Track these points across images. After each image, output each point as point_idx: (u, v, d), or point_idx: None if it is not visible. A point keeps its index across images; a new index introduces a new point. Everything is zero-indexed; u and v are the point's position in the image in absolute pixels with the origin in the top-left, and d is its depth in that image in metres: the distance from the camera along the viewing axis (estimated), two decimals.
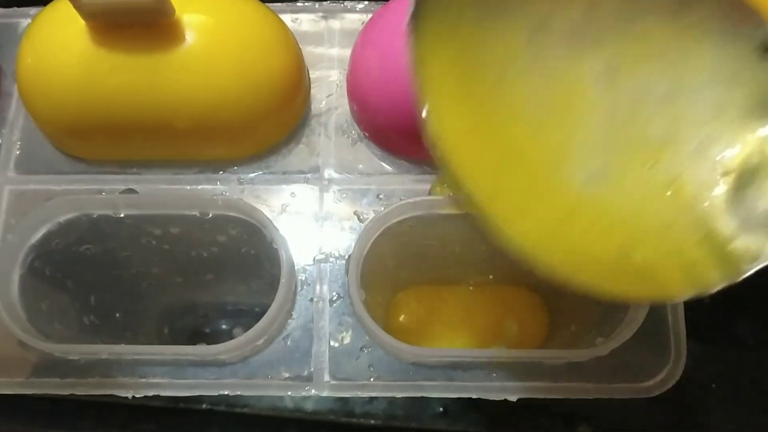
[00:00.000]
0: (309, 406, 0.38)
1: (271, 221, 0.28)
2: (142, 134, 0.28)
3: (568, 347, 0.32)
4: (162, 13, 0.26)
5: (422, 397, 0.28)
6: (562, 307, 0.35)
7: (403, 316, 0.37)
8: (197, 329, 0.40)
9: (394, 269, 0.35)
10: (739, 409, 0.38)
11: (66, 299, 0.32)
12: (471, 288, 0.37)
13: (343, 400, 0.38)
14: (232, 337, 0.36)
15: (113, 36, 0.27)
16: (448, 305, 0.37)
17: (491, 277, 0.36)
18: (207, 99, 0.27)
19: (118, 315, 0.35)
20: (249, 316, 0.39)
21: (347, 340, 0.28)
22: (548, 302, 0.37)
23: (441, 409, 0.38)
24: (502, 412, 0.38)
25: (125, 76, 0.27)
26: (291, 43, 0.30)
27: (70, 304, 0.32)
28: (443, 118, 0.21)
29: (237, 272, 0.36)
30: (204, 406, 0.38)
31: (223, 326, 0.40)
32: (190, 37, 0.27)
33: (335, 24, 0.32)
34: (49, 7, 0.29)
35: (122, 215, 0.29)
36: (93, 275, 0.33)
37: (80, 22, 0.27)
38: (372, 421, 0.38)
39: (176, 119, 0.28)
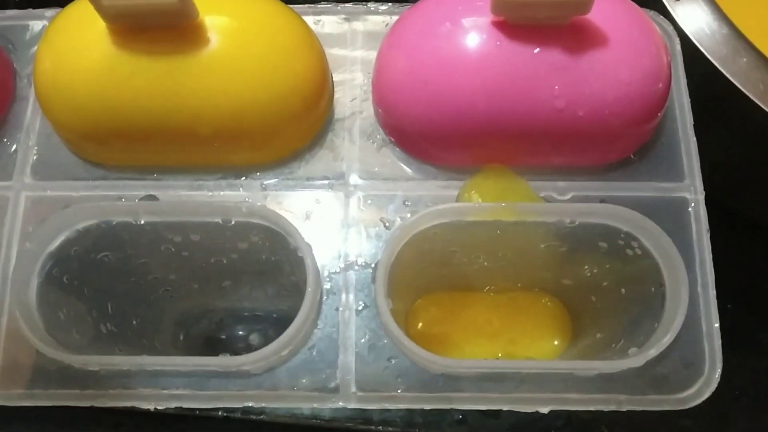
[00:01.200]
0: (326, 414, 0.37)
1: (296, 229, 0.27)
2: (163, 139, 0.28)
3: (592, 355, 0.32)
4: (185, 15, 0.26)
5: (452, 408, 0.27)
6: (586, 314, 0.35)
7: (422, 324, 0.36)
8: (213, 335, 0.39)
9: (416, 276, 0.34)
10: (763, 417, 0.38)
11: (83, 307, 0.31)
12: (492, 294, 0.37)
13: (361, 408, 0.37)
14: (248, 344, 0.35)
15: (135, 38, 0.26)
16: (468, 312, 0.37)
17: (513, 283, 0.36)
18: (230, 103, 0.27)
19: (134, 322, 0.35)
20: (266, 322, 0.39)
21: (374, 351, 0.27)
22: (571, 309, 0.36)
23: (460, 416, 0.37)
24: (521, 420, 0.37)
25: (146, 79, 0.26)
26: (315, 45, 0.29)
27: (88, 312, 0.32)
28: None
29: (255, 278, 0.35)
30: (220, 413, 0.38)
31: (240, 332, 0.39)
32: (213, 39, 0.26)
33: (358, 26, 0.31)
34: (69, 8, 0.28)
35: (142, 222, 0.29)
36: (110, 282, 0.32)
37: (101, 24, 0.26)
38: (390, 429, 0.37)
39: (198, 124, 0.27)
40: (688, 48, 0.31)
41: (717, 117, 0.35)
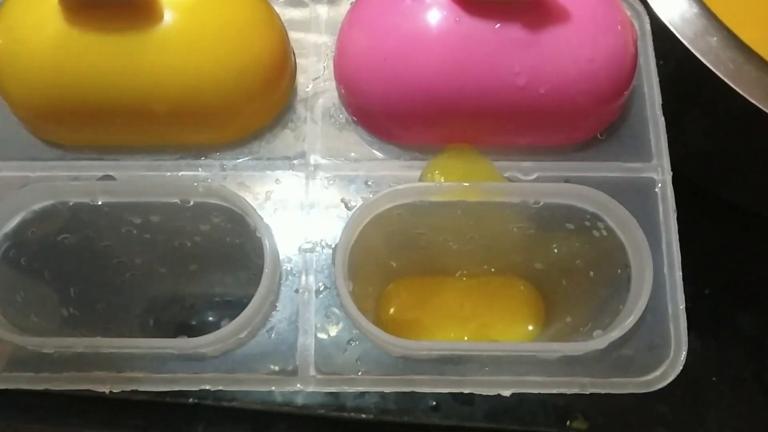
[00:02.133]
0: (299, 401, 0.37)
1: (254, 209, 0.27)
2: (119, 118, 0.27)
3: (563, 339, 0.32)
4: None
5: (413, 391, 0.27)
6: (558, 297, 0.34)
7: (393, 309, 0.36)
8: (184, 321, 0.39)
9: (385, 259, 0.33)
10: (740, 403, 0.37)
11: (43, 291, 0.31)
12: (465, 279, 0.36)
13: (334, 394, 0.37)
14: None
15: (88, 14, 0.26)
16: (440, 296, 0.36)
17: (485, 267, 0.35)
18: (186, 81, 0.26)
19: (100, 307, 0.34)
20: (237, 308, 0.38)
21: (334, 333, 0.27)
22: (543, 293, 0.36)
23: (434, 403, 0.37)
24: (496, 406, 0.37)
25: (100, 57, 0.26)
26: (275, 22, 0.28)
27: (48, 295, 0.31)
28: None
29: (223, 263, 0.35)
30: (191, 400, 0.37)
31: (210, 318, 0.39)
32: (168, 15, 0.26)
33: (323, 6, 0.31)
34: None
35: (100, 203, 0.28)
36: (72, 266, 0.32)
37: (53, 1, 0.26)
38: (363, 416, 0.37)
39: (154, 102, 0.27)
40: (663, 31, 0.30)
41: (693, 100, 0.34)
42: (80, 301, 0.33)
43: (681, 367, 0.26)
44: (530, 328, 0.36)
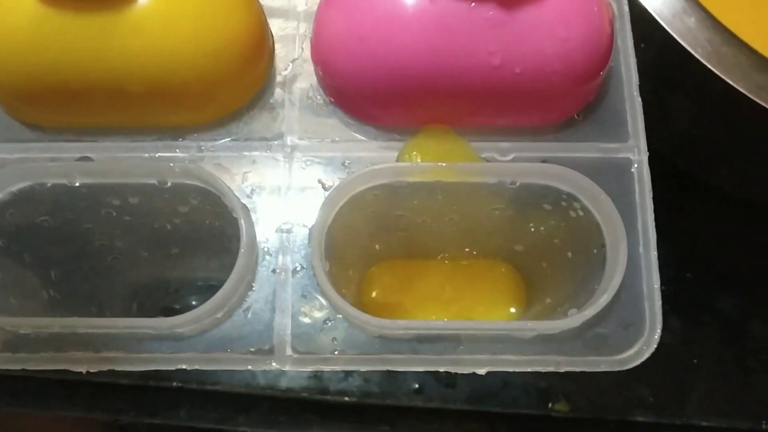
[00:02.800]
0: (282, 384, 0.37)
1: (230, 189, 0.27)
2: (95, 99, 0.27)
3: (542, 319, 0.32)
4: None
5: (397, 374, 0.27)
6: (538, 279, 0.34)
7: (375, 292, 0.36)
8: (168, 306, 0.39)
9: (365, 242, 0.34)
10: (721, 386, 0.38)
11: (23, 273, 0.31)
12: (447, 262, 0.36)
13: (317, 377, 0.37)
14: None
15: None
16: (422, 279, 0.36)
17: (467, 250, 0.35)
18: (160, 61, 0.26)
19: (82, 290, 0.34)
20: None
21: (311, 313, 0.27)
22: (525, 275, 0.36)
23: (416, 385, 0.37)
24: (478, 389, 0.37)
25: (76, 37, 0.26)
26: (252, 2, 0.28)
27: (28, 278, 0.31)
28: None
29: (204, 246, 0.35)
30: (175, 383, 0.37)
31: (194, 302, 0.39)
32: None
33: None
34: None
35: (77, 184, 0.28)
36: (52, 248, 0.32)
37: None
38: (346, 398, 0.37)
39: (130, 83, 0.26)
40: (642, 13, 0.30)
41: (675, 83, 0.34)
42: (62, 283, 0.33)
43: (655, 346, 0.26)
44: (512, 310, 0.36)
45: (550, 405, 0.37)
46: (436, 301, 0.36)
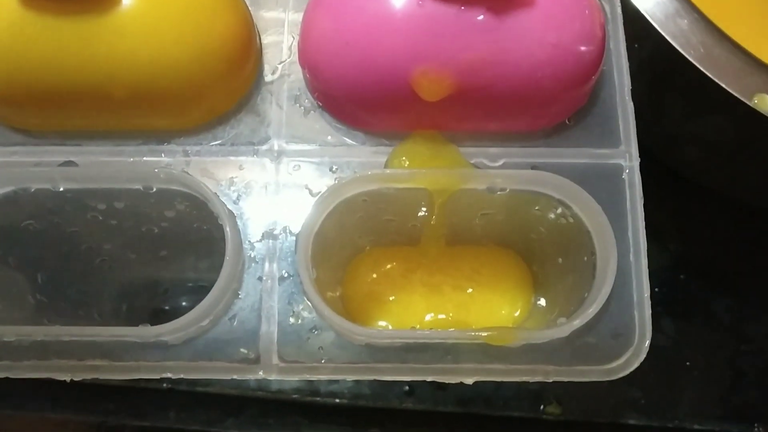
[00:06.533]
0: (273, 386, 0.37)
1: (216, 195, 0.27)
2: (79, 103, 0.27)
3: (533, 326, 0.31)
4: None
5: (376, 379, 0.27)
6: (537, 279, 0.34)
7: (359, 285, 0.35)
8: (157, 307, 0.38)
9: (354, 245, 0.33)
10: (713, 388, 0.38)
11: (8, 277, 0.30)
12: (442, 257, 0.35)
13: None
14: None
15: None
16: (416, 274, 0.35)
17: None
18: (145, 65, 0.26)
19: (70, 293, 0.34)
20: None
21: (297, 321, 0.27)
22: (522, 275, 0.35)
23: (407, 388, 0.37)
24: (469, 392, 0.37)
25: (59, 41, 0.26)
26: (239, 4, 0.28)
27: (14, 282, 0.31)
28: None
29: (193, 248, 0.34)
30: (165, 385, 0.37)
31: (184, 303, 0.38)
32: None
33: None
34: None
35: (61, 189, 0.28)
36: (38, 252, 0.31)
37: None
38: (337, 401, 0.37)
39: (113, 87, 0.26)
40: (636, 15, 0.30)
41: (668, 84, 0.34)
42: (49, 287, 0.32)
43: (645, 355, 0.26)
44: (516, 314, 0.35)
45: (541, 408, 0.37)
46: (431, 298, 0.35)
